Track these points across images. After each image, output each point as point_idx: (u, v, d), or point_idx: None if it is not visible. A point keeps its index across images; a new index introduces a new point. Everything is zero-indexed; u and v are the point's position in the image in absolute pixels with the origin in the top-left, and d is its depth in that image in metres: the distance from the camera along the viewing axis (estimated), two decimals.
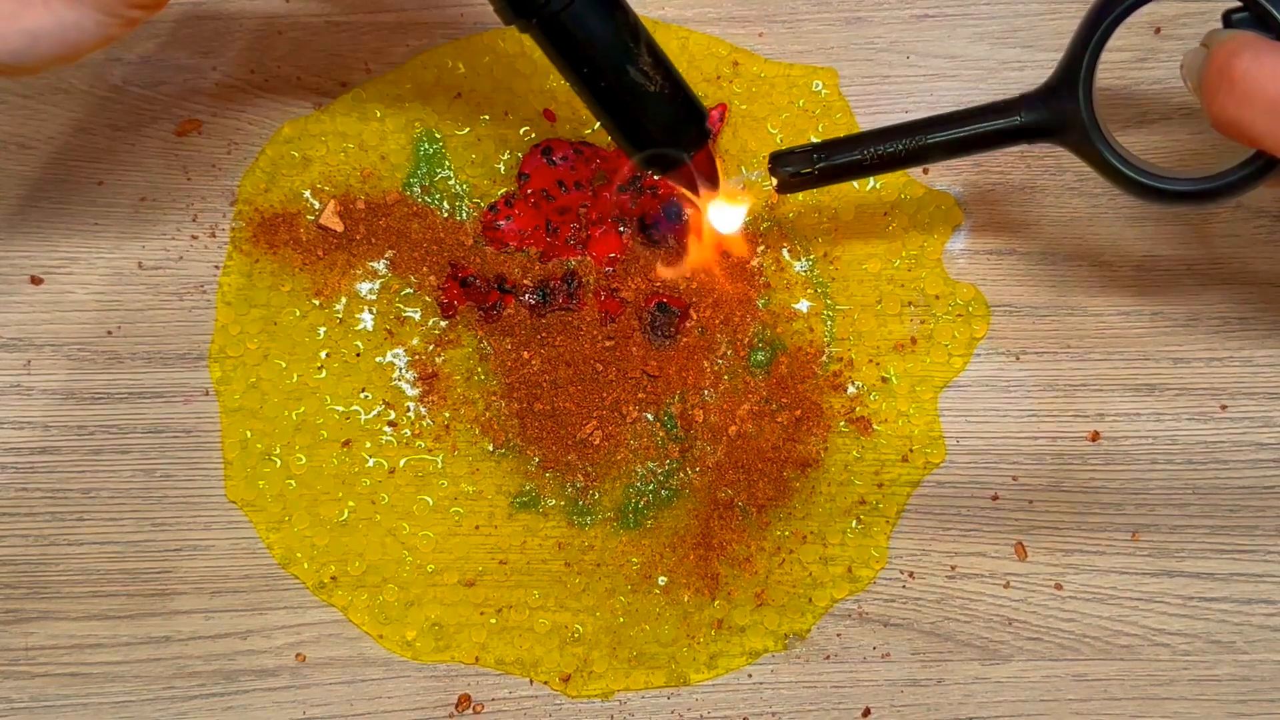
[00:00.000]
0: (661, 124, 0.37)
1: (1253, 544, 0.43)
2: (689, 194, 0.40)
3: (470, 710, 0.43)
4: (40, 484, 0.44)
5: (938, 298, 0.44)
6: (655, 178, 0.43)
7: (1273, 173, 0.33)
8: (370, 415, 0.44)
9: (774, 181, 0.39)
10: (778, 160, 0.38)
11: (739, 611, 0.43)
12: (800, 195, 0.44)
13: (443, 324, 0.44)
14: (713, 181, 0.39)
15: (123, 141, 0.45)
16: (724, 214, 0.42)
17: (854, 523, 0.44)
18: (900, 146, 0.37)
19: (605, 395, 0.44)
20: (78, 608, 0.44)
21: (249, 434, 0.44)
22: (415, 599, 0.44)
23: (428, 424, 0.44)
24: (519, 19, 0.34)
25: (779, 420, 0.44)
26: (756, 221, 0.44)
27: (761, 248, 0.44)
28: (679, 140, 0.37)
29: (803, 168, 0.38)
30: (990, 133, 0.36)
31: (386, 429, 0.44)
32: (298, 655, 0.43)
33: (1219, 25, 0.33)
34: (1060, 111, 0.35)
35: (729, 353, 0.44)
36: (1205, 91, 0.32)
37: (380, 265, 0.44)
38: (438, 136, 0.45)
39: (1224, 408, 0.44)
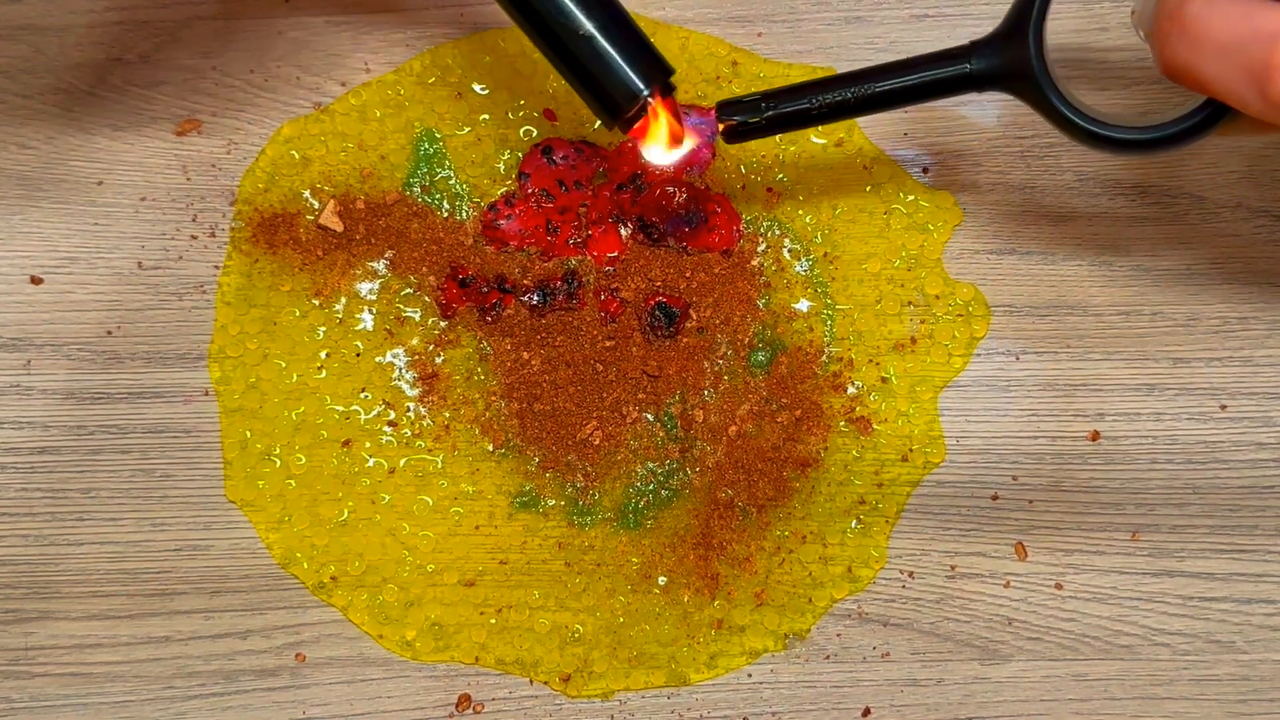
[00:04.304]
0: (622, 74, 0.36)
1: (1253, 544, 0.43)
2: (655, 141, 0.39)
3: (470, 710, 0.43)
4: (40, 484, 0.44)
5: (938, 298, 0.44)
6: (623, 134, 0.42)
7: (1223, 121, 0.32)
8: (370, 415, 0.44)
9: (720, 129, 0.38)
10: (725, 108, 0.38)
11: (739, 611, 0.43)
12: (800, 195, 0.44)
13: (442, 324, 0.44)
14: (676, 130, 0.39)
15: (123, 141, 0.45)
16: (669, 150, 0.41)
17: (854, 523, 0.44)
18: (849, 94, 0.36)
19: (605, 395, 0.44)
20: (78, 608, 0.44)
21: (249, 434, 0.44)
22: (415, 599, 0.44)
23: (428, 424, 0.44)
24: None
25: (779, 420, 0.44)
26: (757, 221, 0.44)
27: (762, 247, 0.44)
28: (642, 89, 0.37)
29: (750, 116, 0.37)
30: (940, 80, 0.36)
31: (386, 429, 0.44)
32: (297, 655, 0.43)
33: None
34: (1011, 58, 0.35)
35: (729, 353, 0.44)
36: (1156, 37, 0.31)
37: (380, 265, 0.44)
38: (438, 136, 0.45)
39: (1224, 408, 0.44)
